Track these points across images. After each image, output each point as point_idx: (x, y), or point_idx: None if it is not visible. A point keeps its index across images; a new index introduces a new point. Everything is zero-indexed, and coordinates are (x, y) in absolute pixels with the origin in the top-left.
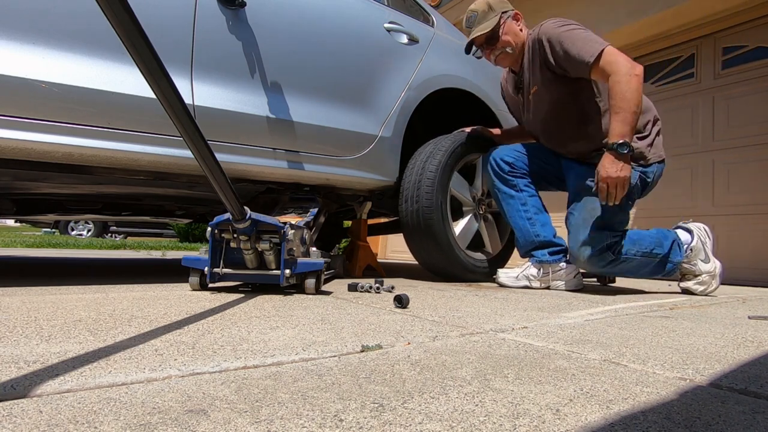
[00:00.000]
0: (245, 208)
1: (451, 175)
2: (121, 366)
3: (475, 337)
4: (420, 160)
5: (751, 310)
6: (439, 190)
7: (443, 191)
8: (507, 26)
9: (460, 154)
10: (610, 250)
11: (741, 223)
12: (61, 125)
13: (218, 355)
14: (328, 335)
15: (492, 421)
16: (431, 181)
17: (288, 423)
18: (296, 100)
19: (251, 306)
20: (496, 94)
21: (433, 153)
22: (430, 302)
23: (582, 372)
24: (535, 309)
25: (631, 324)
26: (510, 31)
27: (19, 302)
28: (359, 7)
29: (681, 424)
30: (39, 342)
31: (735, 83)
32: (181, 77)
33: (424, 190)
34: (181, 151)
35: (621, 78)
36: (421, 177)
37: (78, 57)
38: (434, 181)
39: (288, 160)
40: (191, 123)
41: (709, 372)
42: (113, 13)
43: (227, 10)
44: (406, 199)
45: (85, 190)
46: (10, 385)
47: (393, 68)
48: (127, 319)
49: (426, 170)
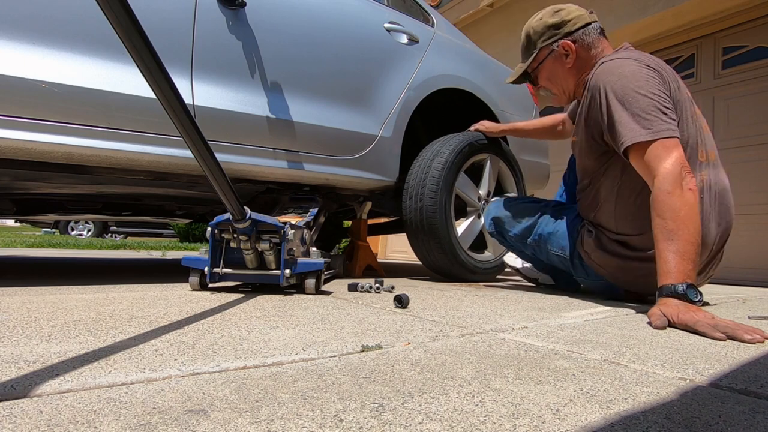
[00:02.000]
0: (245, 208)
1: (457, 175)
2: (121, 366)
3: (475, 337)
4: (426, 158)
5: (751, 310)
6: (443, 189)
7: (448, 191)
8: (546, 67)
9: (467, 153)
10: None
11: (741, 223)
12: (61, 125)
13: (218, 355)
14: (328, 335)
15: (492, 421)
16: (436, 180)
17: (288, 423)
18: (296, 100)
19: (251, 306)
20: (496, 94)
21: (439, 151)
22: (430, 302)
23: (582, 372)
24: (535, 309)
25: (631, 324)
26: (550, 74)
27: (19, 302)
28: (359, 7)
29: (681, 424)
30: (39, 342)
31: (735, 83)
32: (181, 77)
33: (428, 188)
34: (181, 151)
35: (668, 186)
36: (426, 175)
37: (78, 57)
38: (439, 180)
39: (288, 160)
40: (191, 123)
41: (709, 372)
42: (113, 13)
43: (227, 10)
44: (410, 197)
45: (85, 190)
46: (10, 385)
47: (393, 68)
48: (127, 319)
49: (432, 168)
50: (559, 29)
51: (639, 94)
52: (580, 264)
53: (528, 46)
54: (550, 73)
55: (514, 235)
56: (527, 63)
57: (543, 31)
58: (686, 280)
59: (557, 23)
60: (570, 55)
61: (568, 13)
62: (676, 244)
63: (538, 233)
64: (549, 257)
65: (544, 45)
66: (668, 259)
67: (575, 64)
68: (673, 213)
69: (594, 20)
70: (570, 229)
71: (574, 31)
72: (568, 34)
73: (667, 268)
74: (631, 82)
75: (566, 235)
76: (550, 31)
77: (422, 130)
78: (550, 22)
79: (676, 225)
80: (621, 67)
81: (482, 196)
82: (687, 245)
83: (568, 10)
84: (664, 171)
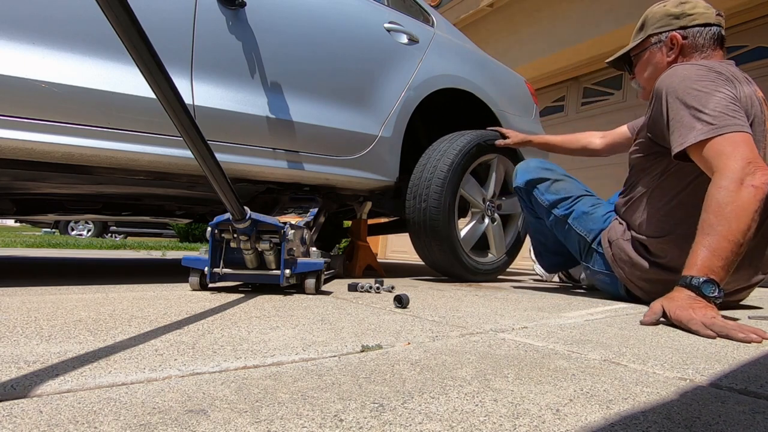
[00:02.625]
0: (245, 208)
1: (462, 176)
2: (121, 366)
3: (475, 337)
4: (433, 158)
5: (751, 310)
6: (448, 191)
7: (453, 193)
8: (647, 55)
9: (475, 154)
10: None
11: None
12: (61, 125)
13: (218, 355)
14: (328, 335)
15: (492, 421)
16: (441, 182)
17: (288, 423)
18: (296, 100)
19: (251, 306)
20: (496, 94)
21: (446, 152)
22: (430, 302)
23: (582, 372)
24: (535, 309)
25: (631, 324)
26: (647, 63)
27: (19, 302)
28: (359, 6)
29: (681, 424)
30: (39, 342)
31: None
32: (181, 77)
33: (433, 189)
34: (181, 151)
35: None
36: (432, 176)
37: (78, 57)
38: (444, 182)
39: (288, 160)
40: (191, 123)
41: (709, 372)
42: (113, 13)
43: (227, 10)
44: (414, 196)
45: (85, 190)
46: (10, 385)
47: (393, 68)
48: (127, 319)
49: (437, 169)
50: (677, 19)
51: (701, 92)
52: (596, 253)
53: (640, 29)
54: (648, 63)
55: (545, 199)
56: (631, 46)
57: (660, 18)
58: (709, 274)
59: (677, 14)
60: (674, 48)
61: (693, 7)
62: (710, 238)
63: (572, 208)
64: (567, 235)
65: (655, 32)
66: (698, 252)
67: (675, 60)
68: (718, 207)
69: (719, 24)
70: (602, 217)
71: (689, 26)
72: (683, 27)
73: (693, 261)
74: (693, 82)
75: (598, 220)
76: (666, 19)
77: (422, 130)
78: (672, 11)
79: (717, 220)
80: (686, 70)
81: (487, 198)
82: (723, 242)
83: (694, 4)
84: (724, 168)
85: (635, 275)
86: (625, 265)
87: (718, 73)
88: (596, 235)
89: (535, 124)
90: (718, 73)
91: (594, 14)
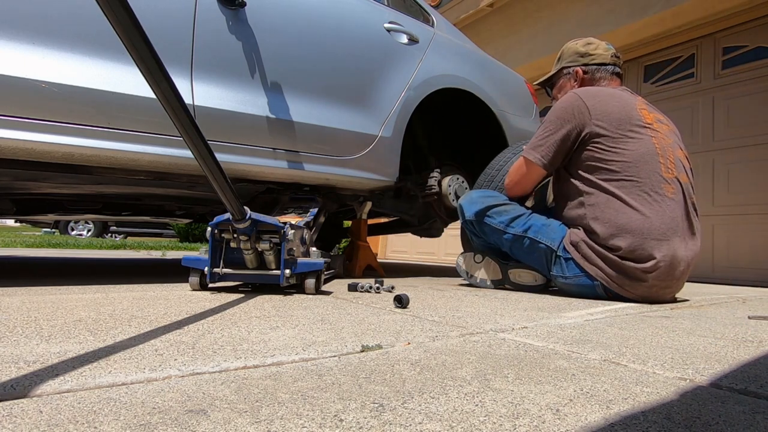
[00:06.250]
0: (245, 208)
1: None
2: (121, 366)
3: (475, 337)
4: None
5: (751, 310)
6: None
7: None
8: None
9: None
10: None
11: (741, 223)
12: (62, 125)
13: (218, 355)
14: (328, 335)
15: (492, 421)
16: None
17: (288, 423)
18: (296, 100)
19: (251, 306)
20: (496, 94)
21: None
22: (430, 302)
23: (582, 372)
24: (535, 309)
25: (631, 324)
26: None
27: (19, 302)
28: (359, 6)
29: (681, 424)
30: (39, 342)
31: (735, 83)
32: (181, 77)
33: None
34: (181, 151)
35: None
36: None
37: (78, 57)
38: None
39: (288, 160)
40: (191, 123)
41: (709, 372)
42: (113, 13)
43: (227, 10)
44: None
45: (85, 190)
46: (10, 385)
47: (393, 68)
48: (127, 319)
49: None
50: (582, 58)
51: (545, 126)
52: (564, 260)
53: (558, 59)
54: (561, 88)
55: (499, 222)
56: (550, 74)
57: (570, 54)
58: None
59: (583, 53)
60: (578, 80)
61: (596, 48)
62: None
63: (528, 224)
64: (530, 250)
65: (566, 65)
66: None
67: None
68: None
69: (615, 63)
70: (559, 227)
71: (590, 64)
72: (585, 64)
73: None
74: (544, 124)
75: (557, 229)
76: (574, 56)
77: (422, 131)
78: (579, 50)
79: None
80: (561, 102)
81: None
82: None
83: (596, 46)
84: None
85: (607, 271)
86: (597, 258)
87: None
88: (560, 243)
89: (535, 123)
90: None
91: (594, 14)
